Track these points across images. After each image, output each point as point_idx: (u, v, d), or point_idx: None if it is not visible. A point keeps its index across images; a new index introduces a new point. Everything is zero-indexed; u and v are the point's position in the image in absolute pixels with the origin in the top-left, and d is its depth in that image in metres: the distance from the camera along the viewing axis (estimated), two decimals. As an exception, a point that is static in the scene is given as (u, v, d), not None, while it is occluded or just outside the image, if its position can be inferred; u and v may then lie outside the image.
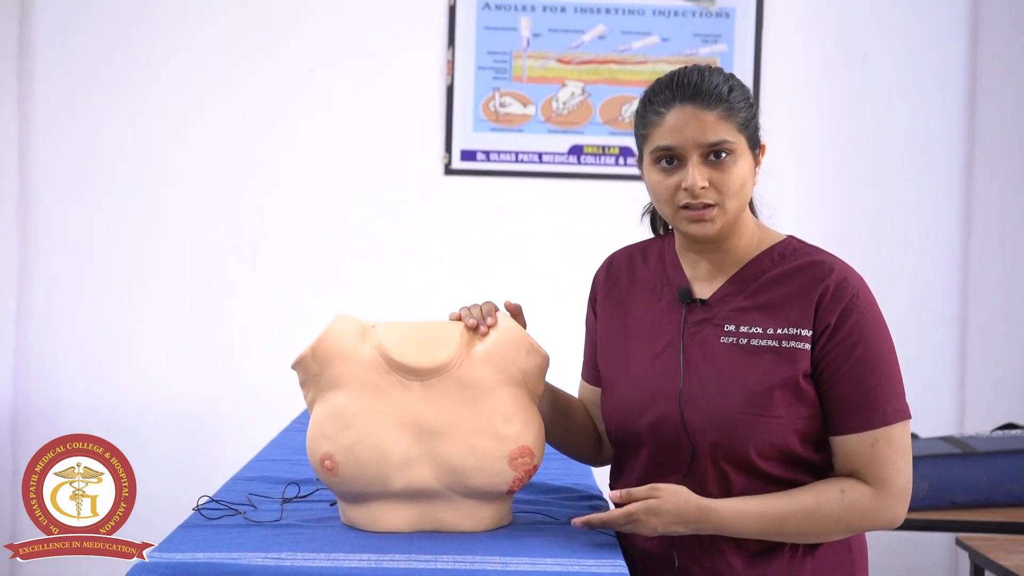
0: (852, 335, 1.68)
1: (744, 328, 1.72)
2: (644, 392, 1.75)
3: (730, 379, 1.70)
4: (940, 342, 3.78)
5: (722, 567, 1.72)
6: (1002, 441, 2.98)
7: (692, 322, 1.76)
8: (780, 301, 1.72)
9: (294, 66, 3.78)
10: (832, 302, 1.69)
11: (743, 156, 1.70)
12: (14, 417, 3.74)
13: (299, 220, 3.79)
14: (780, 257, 1.76)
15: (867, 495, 1.68)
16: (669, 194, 1.71)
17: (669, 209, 1.72)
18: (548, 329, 2.47)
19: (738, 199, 1.70)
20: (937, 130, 3.79)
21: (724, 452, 1.69)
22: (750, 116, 1.72)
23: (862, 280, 1.73)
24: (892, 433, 1.68)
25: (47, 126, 3.75)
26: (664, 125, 1.69)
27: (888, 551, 3.59)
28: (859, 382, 1.68)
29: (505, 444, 1.69)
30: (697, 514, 1.64)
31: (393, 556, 1.59)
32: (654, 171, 1.72)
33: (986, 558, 2.62)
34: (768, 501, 1.67)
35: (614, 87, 3.79)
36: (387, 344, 1.70)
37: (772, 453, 1.69)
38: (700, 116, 1.68)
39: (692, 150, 1.68)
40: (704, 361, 1.72)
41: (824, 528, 1.69)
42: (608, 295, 1.87)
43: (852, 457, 1.69)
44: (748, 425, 1.67)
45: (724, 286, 1.76)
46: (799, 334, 1.69)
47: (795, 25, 3.78)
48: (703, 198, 1.68)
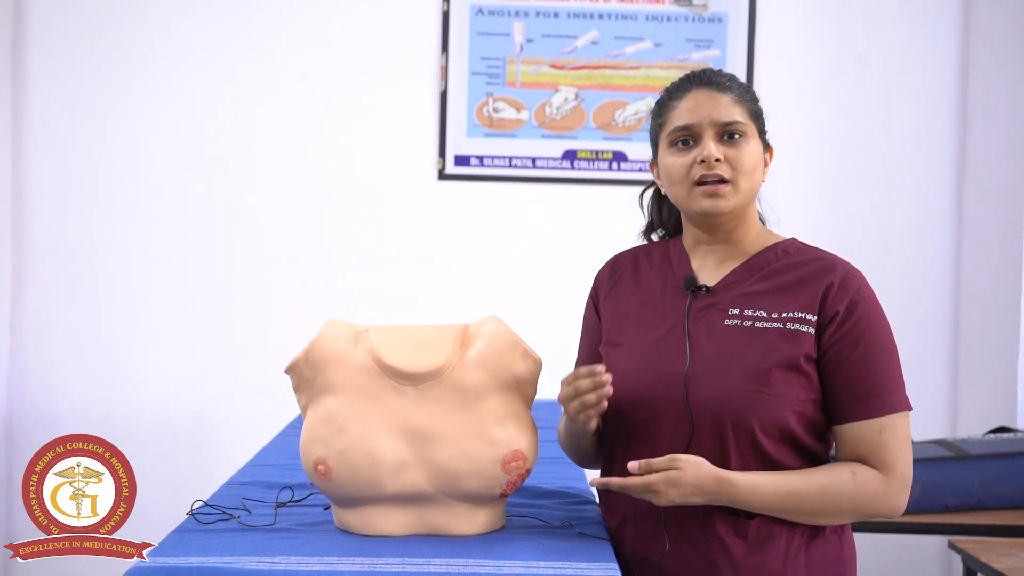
0: (860, 324, 1.72)
1: (749, 311, 1.76)
2: (648, 374, 1.77)
3: (732, 357, 1.73)
4: (932, 346, 3.79)
5: (719, 556, 1.73)
6: (994, 444, 2.98)
7: (697, 307, 1.79)
8: (785, 288, 1.77)
9: (288, 72, 3.78)
10: (840, 292, 1.73)
11: (755, 140, 1.79)
12: (8, 421, 3.74)
13: (293, 225, 3.79)
14: (784, 253, 1.82)
15: (876, 479, 1.71)
16: (684, 172, 1.77)
17: (684, 188, 1.78)
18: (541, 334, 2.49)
19: (750, 180, 1.77)
20: (929, 134, 3.80)
21: (727, 430, 1.71)
22: (759, 112, 1.82)
23: (863, 276, 1.78)
24: (897, 421, 1.72)
25: (41, 130, 3.75)
26: (681, 107, 1.79)
27: (881, 554, 3.59)
28: (867, 370, 1.72)
29: (498, 448, 1.69)
30: (715, 485, 1.67)
31: (387, 560, 1.59)
32: (670, 154, 1.80)
33: (978, 561, 2.62)
34: (784, 476, 1.70)
35: (607, 92, 3.80)
36: (380, 349, 1.71)
37: (774, 432, 1.71)
38: (715, 97, 1.78)
39: (708, 127, 1.76)
40: (709, 342, 1.75)
41: (835, 508, 1.72)
42: (611, 292, 1.89)
43: (859, 444, 1.72)
44: (749, 402, 1.70)
45: (730, 275, 1.81)
46: (804, 318, 1.73)
47: (787, 30, 3.79)
48: (718, 170, 1.75)
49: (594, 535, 1.76)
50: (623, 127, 3.79)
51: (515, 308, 3.13)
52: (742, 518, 1.73)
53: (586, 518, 1.87)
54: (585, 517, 1.87)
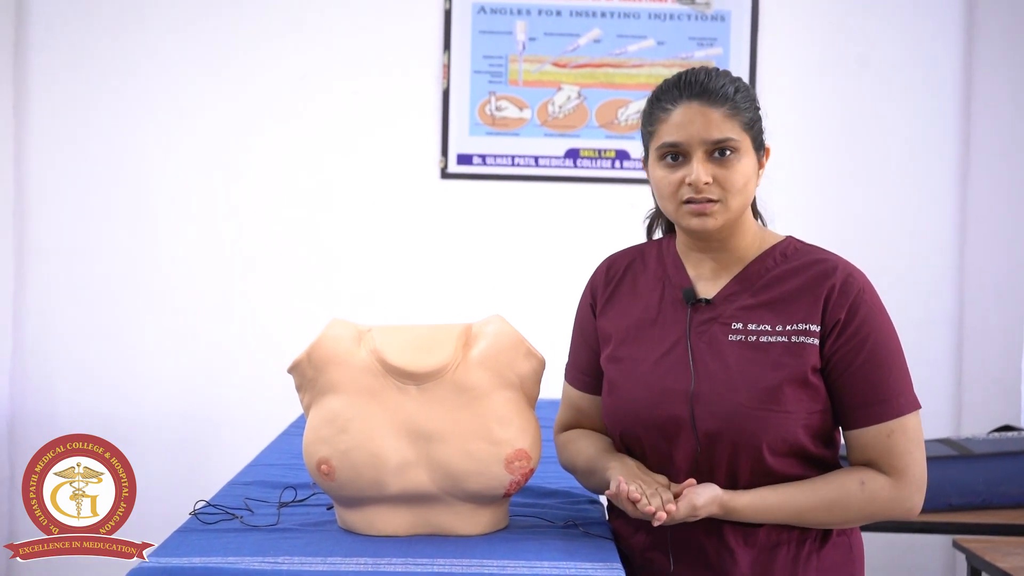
0: (862, 329, 1.70)
1: (752, 326, 1.73)
2: (651, 391, 1.75)
3: (740, 375, 1.70)
4: (936, 345, 3.78)
5: (728, 564, 1.72)
6: (999, 443, 2.98)
7: (698, 321, 1.77)
8: (786, 298, 1.73)
9: (289, 71, 3.78)
10: (840, 298, 1.71)
11: (747, 155, 1.72)
12: (11, 421, 3.74)
13: (295, 225, 3.79)
14: (782, 256, 1.78)
15: (886, 486, 1.70)
16: (673, 189, 1.72)
17: (672, 205, 1.74)
18: (544, 333, 2.48)
19: (741, 197, 1.72)
20: (933, 133, 3.79)
21: (735, 449, 1.69)
22: (755, 117, 1.75)
23: (864, 275, 1.75)
24: (906, 423, 1.70)
25: (43, 130, 3.75)
26: (670, 121, 1.72)
27: (885, 553, 3.59)
28: (872, 374, 1.69)
29: (501, 448, 1.69)
30: (720, 509, 1.67)
31: (390, 560, 1.59)
32: (659, 167, 1.74)
33: (983, 560, 2.62)
34: (790, 493, 1.69)
35: (610, 90, 3.79)
36: (383, 348, 1.70)
37: (783, 449, 1.69)
38: (706, 113, 1.70)
39: (697, 146, 1.70)
40: (713, 359, 1.73)
41: (843, 519, 1.72)
42: (609, 297, 1.87)
43: (868, 449, 1.71)
44: (759, 420, 1.68)
45: (728, 285, 1.77)
46: (807, 329, 1.70)
47: (790, 28, 3.79)
48: (706, 194, 1.70)
49: (598, 535, 1.75)
50: (626, 125, 3.78)
51: (518, 307, 3.13)
52: (749, 527, 1.72)
53: (590, 518, 1.86)
54: (589, 517, 1.87)
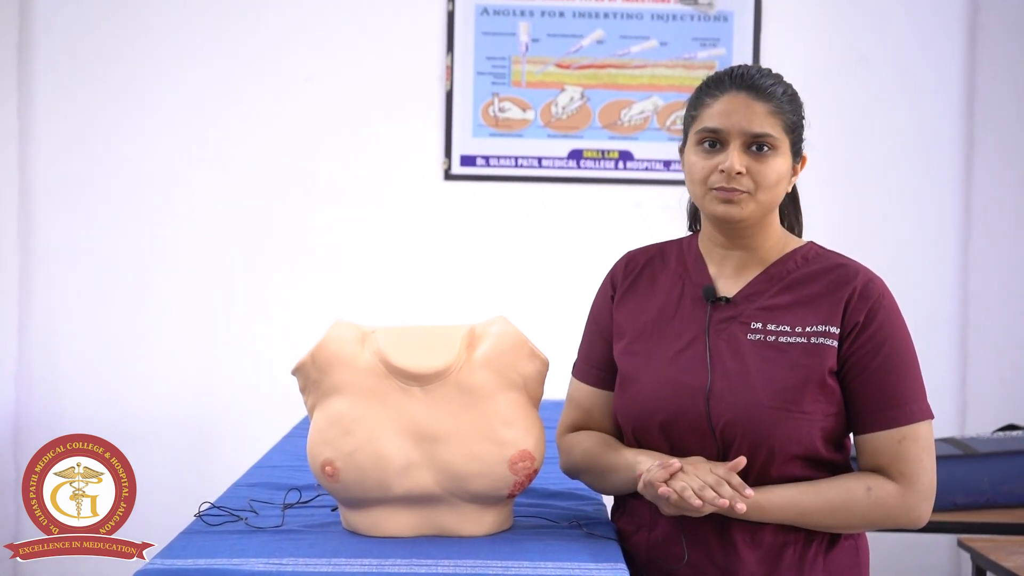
0: (879, 334, 1.70)
1: (771, 326, 1.73)
2: (667, 388, 1.74)
3: (758, 375, 1.70)
4: (941, 343, 3.77)
5: (734, 563, 1.71)
6: (1003, 442, 2.97)
7: (717, 319, 1.76)
8: (807, 300, 1.73)
9: (294, 74, 3.78)
10: (860, 302, 1.71)
11: (783, 156, 1.74)
12: (16, 422, 3.74)
13: (299, 226, 3.79)
14: (804, 260, 1.78)
15: (894, 493, 1.69)
16: (705, 174, 1.73)
17: (701, 189, 1.74)
18: (548, 333, 2.49)
19: (770, 194, 1.73)
20: (936, 132, 3.79)
21: (749, 447, 1.68)
22: (798, 123, 1.77)
23: (884, 283, 1.76)
24: (918, 431, 1.70)
25: (47, 132, 3.75)
26: (714, 108, 1.73)
27: (890, 553, 3.59)
28: (887, 379, 1.69)
29: (506, 449, 1.69)
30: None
31: (395, 561, 1.59)
32: (695, 152, 1.75)
33: (988, 559, 2.62)
34: (795, 494, 1.68)
35: (613, 91, 3.79)
36: (387, 349, 1.70)
37: (796, 450, 1.69)
38: (750, 105, 1.71)
39: (736, 136, 1.71)
40: (731, 357, 1.72)
41: (847, 523, 1.71)
42: (627, 290, 1.85)
43: (879, 454, 1.70)
44: (775, 420, 1.68)
45: (749, 285, 1.77)
46: (827, 331, 1.70)
47: (793, 28, 3.78)
48: (737, 184, 1.70)
49: (602, 535, 1.76)
50: (629, 126, 3.78)
51: (522, 308, 3.13)
52: (757, 526, 1.71)
53: (594, 518, 1.86)
54: (593, 517, 1.87)
